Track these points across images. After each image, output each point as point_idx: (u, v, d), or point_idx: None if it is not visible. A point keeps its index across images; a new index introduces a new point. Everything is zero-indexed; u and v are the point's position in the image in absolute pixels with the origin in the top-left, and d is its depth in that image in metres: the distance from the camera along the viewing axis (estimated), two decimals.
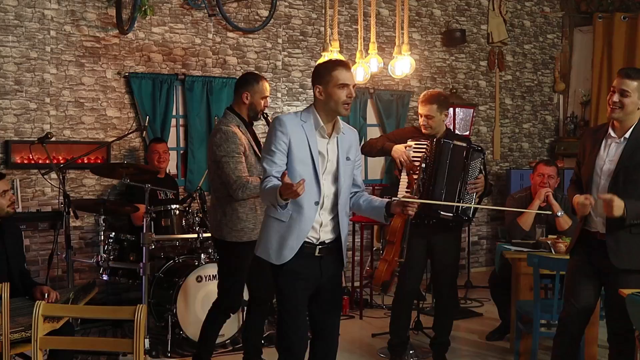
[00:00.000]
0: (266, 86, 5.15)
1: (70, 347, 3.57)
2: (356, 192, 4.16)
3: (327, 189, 3.94)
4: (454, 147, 5.29)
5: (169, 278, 6.23)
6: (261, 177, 3.95)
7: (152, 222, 6.16)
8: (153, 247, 6.08)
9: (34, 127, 6.93)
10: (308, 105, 4.01)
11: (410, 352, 5.95)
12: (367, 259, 8.50)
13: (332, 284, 4.06)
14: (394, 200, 3.98)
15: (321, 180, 3.89)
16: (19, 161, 6.80)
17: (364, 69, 6.03)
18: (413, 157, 5.35)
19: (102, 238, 6.20)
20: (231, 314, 5.26)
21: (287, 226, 3.86)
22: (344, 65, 3.92)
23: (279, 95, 8.40)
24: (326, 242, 3.97)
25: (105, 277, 6.36)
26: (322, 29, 8.53)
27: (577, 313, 4.49)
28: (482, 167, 5.37)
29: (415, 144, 5.40)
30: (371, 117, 9.07)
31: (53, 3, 7.01)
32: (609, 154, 4.35)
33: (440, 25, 9.58)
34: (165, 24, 7.63)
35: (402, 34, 6.21)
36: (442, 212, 5.23)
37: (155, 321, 6.31)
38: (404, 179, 5.42)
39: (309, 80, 8.33)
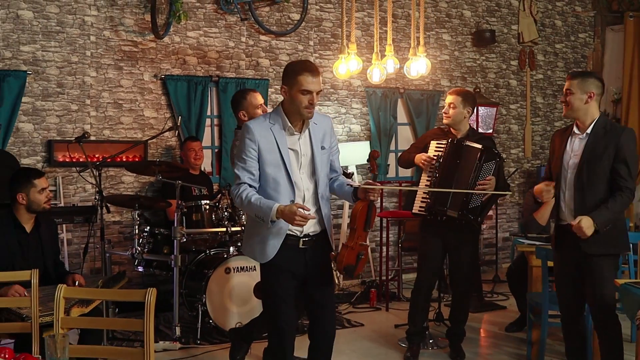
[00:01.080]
0: (255, 97, 5.42)
1: (88, 326, 3.84)
2: (332, 177, 4.30)
3: (306, 182, 4.08)
4: (467, 147, 5.44)
5: (199, 270, 6.49)
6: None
7: (184, 217, 6.43)
8: (184, 240, 6.34)
9: (75, 127, 7.26)
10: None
11: (430, 341, 6.12)
12: (395, 254, 8.69)
13: (319, 270, 4.18)
14: (359, 186, 4.13)
15: (295, 178, 4.03)
16: (61, 159, 7.12)
17: (379, 70, 6.18)
18: (434, 155, 5.53)
19: (137, 232, 6.48)
20: None
21: (267, 227, 3.99)
22: (310, 71, 3.95)
23: None
24: (310, 234, 4.11)
25: (140, 269, 6.66)
26: (356, 30, 8.73)
27: (568, 307, 4.71)
28: (496, 170, 5.48)
29: (437, 144, 5.58)
30: (402, 116, 9.21)
31: (93, 10, 7.33)
32: (574, 149, 4.58)
33: (470, 26, 9.68)
34: (200, 29, 7.90)
35: (418, 37, 6.34)
36: (448, 210, 5.40)
37: (187, 310, 6.58)
38: (423, 177, 5.61)
39: (341, 81, 8.57)
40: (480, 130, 7.36)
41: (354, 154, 8.30)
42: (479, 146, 5.45)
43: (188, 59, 7.84)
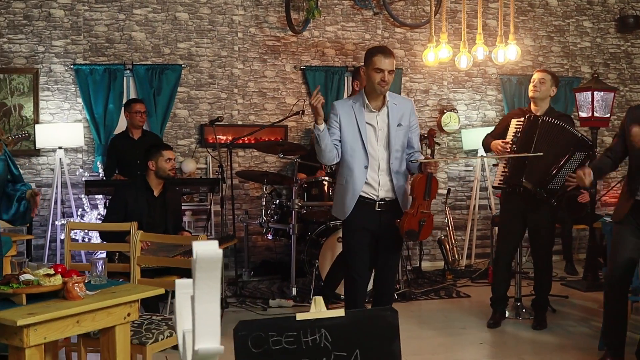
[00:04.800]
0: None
1: (155, 264, 4.60)
2: (410, 152, 4.79)
3: (381, 152, 4.65)
4: (561, 128, 5.59)
5: (318, 238, 7.12)
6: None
7: (305, 192, 7.10)
8: (304, 211, 7.00)
9: (224, 113, 8.15)
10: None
11: (523, 310, 6.33)
12: None
13: (390, 232, 4.72)
14: (419, 161, 4.68)
15: (369, 148, 4.60)
16: (211, 141, 8.03)
17: (466, 57, 6.47)
18: (514, 132, 5.80)
19: (264, 203, 7.24)
20: None
21: (345, 188, 4.67)
22: (383, 52, 4.53)
23: (445, 83, 8.96)
24: (386, 199, 4.67)
25: (269, 237, 7.40)
26: (488, 21, 8.97)
27: (619, 270, 4.78)
28: (585, 161, 5.56)
29: (517, 122, 5.84)
30: None
31: (240, 10, 8.19)
32: None
33: (614, 12, 9.52)
34: (337, 23, 8.53)
35: (508, 25, 6.54)
36: (524, 181, 5.63)
37: (309, 275, 7.25)
38: (500, 165, 5.95)
39: (474, 69, 8.86)
40: (596, 114, 7.35)
41: None
42: (578, 134, 5.60)
43: (326, 51, 8.49)
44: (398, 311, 2.54)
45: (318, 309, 2.48)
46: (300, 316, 2.44)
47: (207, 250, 1.64)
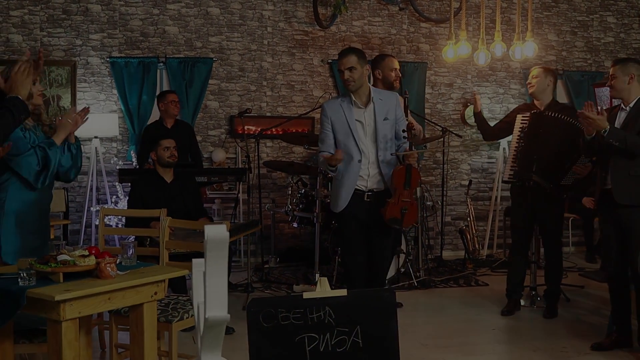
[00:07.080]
0: (392, 61, 6.23)
1: (184, 248, 4.87)
2: (398, 143, 5.03)
3: (370, 147, 4.92)
4: (553, 119, 5.75)
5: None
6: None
7: (329, 181, 7.33)
8: (328, 200, 7.22)
9: (253, 105, 8.41)
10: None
11: (538, 299, 6.51)
12: None
13: (379, 219, 4.95)
14: (397, 153, 4.94)
15: (360, 144, 4.87)
16: (240, 132, 8.30)
17: (485, 53, 6.65)
18: (520, 128, 5.99)
19: (290, 192, 7.49)
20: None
21: (339, 182, 4.96)
22: (341, 54, 4.93)
23: (469, 77, 9.13)
24: (374, 190, 4.95)
25: (295, 225, 7.64)
26: (512, 16, 9.11)
27: (617, 265, 5.07)
28: None
29: (522, 117, 6.02)
30: (561, 96, 9.40)
31: (270, 5, 8.44)
32: (619, 121, 4.97)
33: (638, 8, 9.60)
34: (364, 18, 8.75)
35: (526, 23, 6.69)
36: (534, 175, 5.80)
37: (331, 261, 7.49)
38: (509, 160, 6.15)
39: (498, 63, 9.02)
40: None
41: None
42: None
43: (353, 45, 8.69)
44: (395, 292, 2.78)
45: (323, 289, 2.72)
46: (306, 295, 2.69)
47: (216, 233, 1.89)
